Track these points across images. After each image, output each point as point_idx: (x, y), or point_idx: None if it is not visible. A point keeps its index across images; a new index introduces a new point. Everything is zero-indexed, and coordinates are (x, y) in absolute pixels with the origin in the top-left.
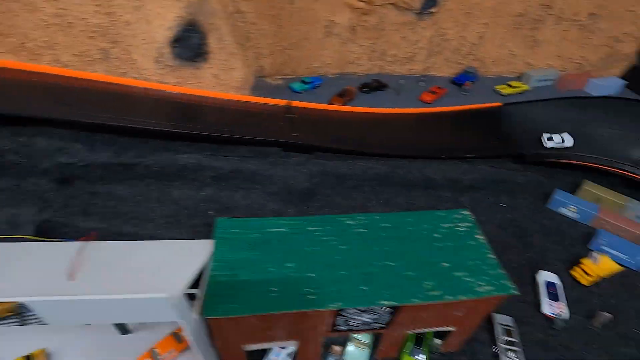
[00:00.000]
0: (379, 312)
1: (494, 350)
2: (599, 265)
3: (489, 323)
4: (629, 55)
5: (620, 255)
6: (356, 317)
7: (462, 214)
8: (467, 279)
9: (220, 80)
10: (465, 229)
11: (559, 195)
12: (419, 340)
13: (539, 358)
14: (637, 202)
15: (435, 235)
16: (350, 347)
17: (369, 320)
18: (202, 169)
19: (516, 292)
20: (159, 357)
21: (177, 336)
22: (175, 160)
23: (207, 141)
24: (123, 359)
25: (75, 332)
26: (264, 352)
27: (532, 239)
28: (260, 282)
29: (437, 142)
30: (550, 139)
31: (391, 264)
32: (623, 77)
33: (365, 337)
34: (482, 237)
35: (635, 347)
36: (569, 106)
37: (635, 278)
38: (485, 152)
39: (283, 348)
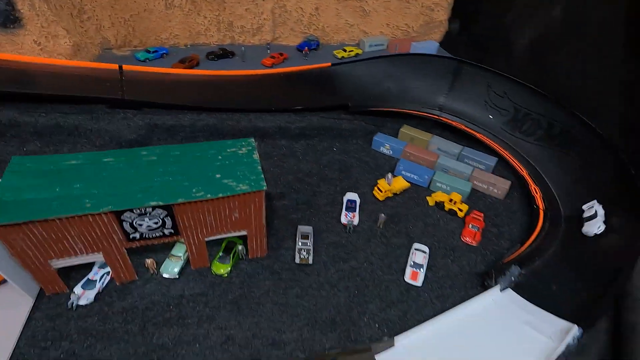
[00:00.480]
0: (157, 215)
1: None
2: (392, 184)
3: (295, 234)
4: (443, 22)
5: (413, 176)
6: (140, 223)
7: (247, 142)
8: (231, 183)
9: (44, 47)
10: (246, 151)
11: (378, 137)
12: (228, 250)
13: (329, 253)
14: (438, 137)
15: (219, 157)
16: (166, 261)
17: (154, 225)
18: (18, 124)
19: (264, 187)
20: None
21: None
22: None
23: (23, 100)
24: None
25: None
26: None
27: (351, 172)
28: (44, 199)
29: (269, 98)
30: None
31: (170, 179)
32: (440, 42)
33: (179, 252)
34: (256, 156)
35: (405, 238)
36: (388, 63)
37: (421, 192)
38: (314, 104)
39: (102, 268)
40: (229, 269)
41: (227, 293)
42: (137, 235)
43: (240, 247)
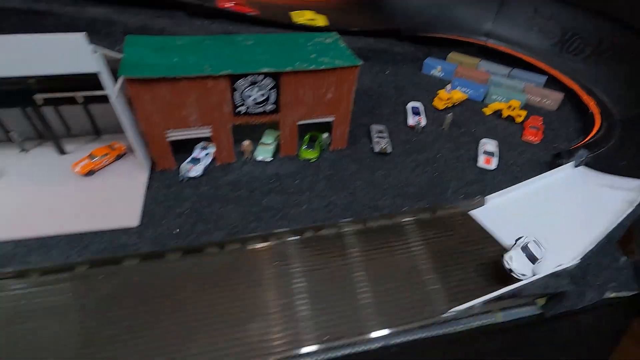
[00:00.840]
0: (265, 87)
1: (371, 146)
2: (450, 94)
3: (368, 133)
4: None
5: (468, 90)
6: (249, 94)
7: (330, 34)
8: (328, 60)
9: None
10: (332, 41)
11: (429, 60)
12: (313, 140)
13: (402, 148)
14: (485, 61)
15: (308, 44)
16: (257, 147)
17: (260, 98)
18: (112, 23)
19: (361, 62)
20: (95, 158)
21: (111, 147)
22: (84, 12)
23: (115, 1)
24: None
25: (17, 157)
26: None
27: (407, 90)
28: (166, 63)
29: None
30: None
31: (273, 56)
32: None
33: (269, 139)
34: (343, 44)
35: (470, 137)
36: None
37: (476, 104)
38: (367, 28)
39: (204, 149)
40: (317, 155)
41: (318, 173)
42: (244, 109)
43: (325, 135)
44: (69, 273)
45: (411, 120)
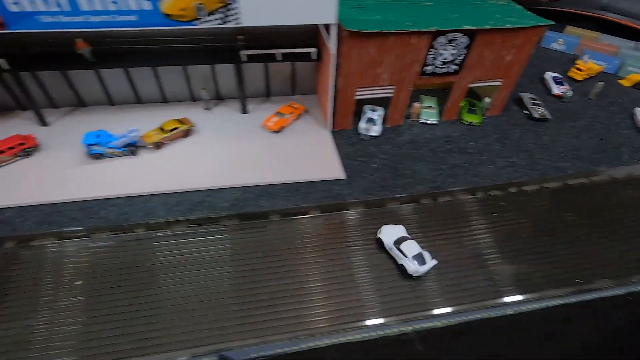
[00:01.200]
0: (458, 46)
1: (525, 112)
2: (587, 65)
3: (514, 101)
4: None
5: (601, 62)
6: (442, 52)
7: None
8: (516, 19)
9: None
10: (506, 2)
11: (549, 33)
12: (471, 105)
13: (555, 114)
14: (606, 35)
15: (485, 6)
16: (421, 110)
17: (449, 57)
18: None
19: (551, 22)
20: (284, 116)
21: (292, 106)
22: None
23: None
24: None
25: (204, 115)
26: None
27: (532, 62)
28: (373, 20)
29: None
30: None
31: (462, 15)
32: None
33: (431, 103)
34: (518, 6)
35: (618, 107)
36: None
37: (611, 77)
38: None
39: (374, 111)
40: (480, 119)
41: (487, 136)
42: (430, 69)
43: (487, 100)
44: (305, 216)
45: (556, 90)
